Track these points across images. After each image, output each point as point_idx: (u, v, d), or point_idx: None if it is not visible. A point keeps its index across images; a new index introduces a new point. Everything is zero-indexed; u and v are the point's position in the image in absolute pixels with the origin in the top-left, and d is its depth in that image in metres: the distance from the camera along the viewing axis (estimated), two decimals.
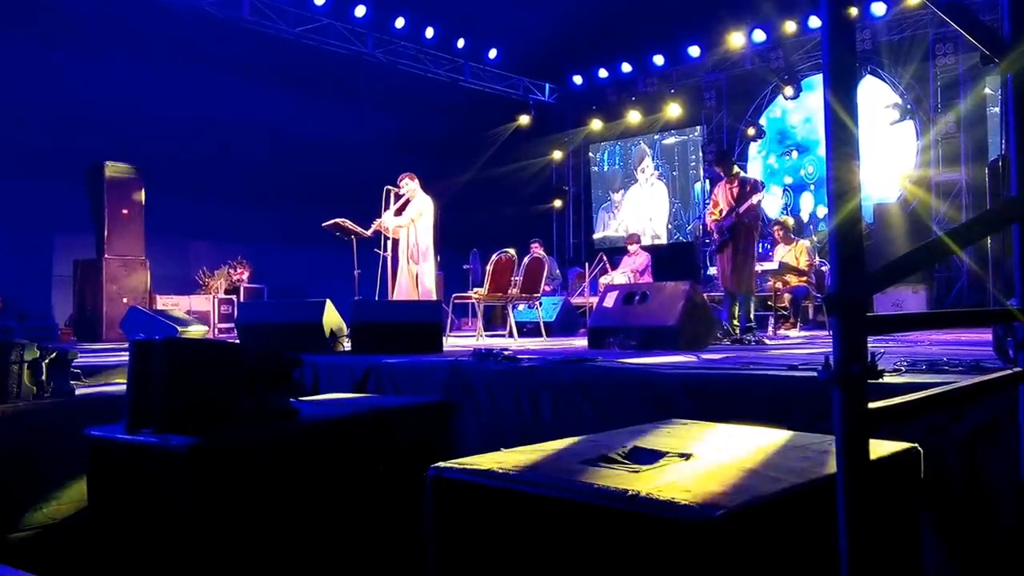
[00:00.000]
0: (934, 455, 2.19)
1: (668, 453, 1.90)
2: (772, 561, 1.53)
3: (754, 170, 13.58)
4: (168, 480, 2.30)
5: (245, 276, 11.54)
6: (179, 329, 6.30)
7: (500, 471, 1.76)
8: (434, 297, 7.65)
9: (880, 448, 1.87)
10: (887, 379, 2.63)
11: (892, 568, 1.76)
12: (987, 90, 11.04)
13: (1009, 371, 1.59)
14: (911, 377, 2.72)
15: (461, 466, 1.85)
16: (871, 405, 1.18)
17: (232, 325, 10.29)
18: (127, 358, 2.53)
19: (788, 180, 13.39)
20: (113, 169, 9.09)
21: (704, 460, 1.84)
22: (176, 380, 2.33)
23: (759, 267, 8.36)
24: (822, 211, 12.80)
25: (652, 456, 1.88)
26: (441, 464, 1.88)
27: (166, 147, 10.09)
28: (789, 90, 12.77)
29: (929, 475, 1.96)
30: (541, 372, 3.91)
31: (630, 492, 1.55)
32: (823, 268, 9.11)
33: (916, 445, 1.89)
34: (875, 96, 12.03)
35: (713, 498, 1.48)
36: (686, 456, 1.86)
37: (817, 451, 1.92)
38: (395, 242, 7.68)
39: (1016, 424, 1.84)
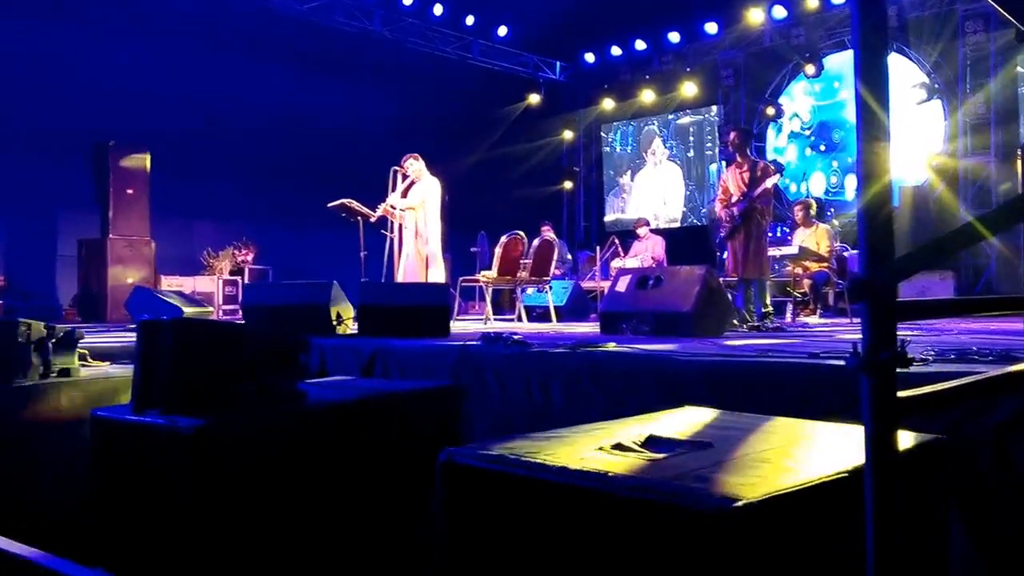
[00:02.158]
0: (962, 447, 2.17)
1: (685, 442, 1.89)
2: (792, 555, 1.52)
3: (789, 156, 13.45)
4: (174, 462, 2.31)
5: (250, 257, 11.57)
6: (185, 310, 6.33)
7: (512, 457, 1.76)
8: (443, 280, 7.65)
9: (907, 439, 1.85)
10: (914, 368, 2.61)
11: (919, 563, 1.75)
12: (1019, 69, 10.88)
13: None
14: (939, 367, 2.69)
15: (472, 451, 1.85)
16: (900, 394, 1.17)
17: (236, 307, 10.34)
18: (134, 339, 2.54)
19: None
20: (118, 148, 9.14)
21: (723, 450, 1.83)
22: (184, 361, 2.34)
23: (777, 252, 8.31)
24: None
25: (669, 445, 1.87)
26: (451, 449, 1.88)
27: (171, 126, 10.12)
28: (811, 68, 12.63)
29: (957, 467, 1.95)
30: (552, 357, 3.90)
31: (645, 480, 1.55)
32: (844, 253, 9.04)
33: (943, 436, 1.87)
34: (901, 75, 11.90)
35: (733, 489, 1.47)
36: (704, 445, 1.85)
37: (841, 442, 1.91)
38: (402, 224, 7.67)
39: None
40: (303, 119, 11.59)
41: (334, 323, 5.54)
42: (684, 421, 2.24)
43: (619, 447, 1.84)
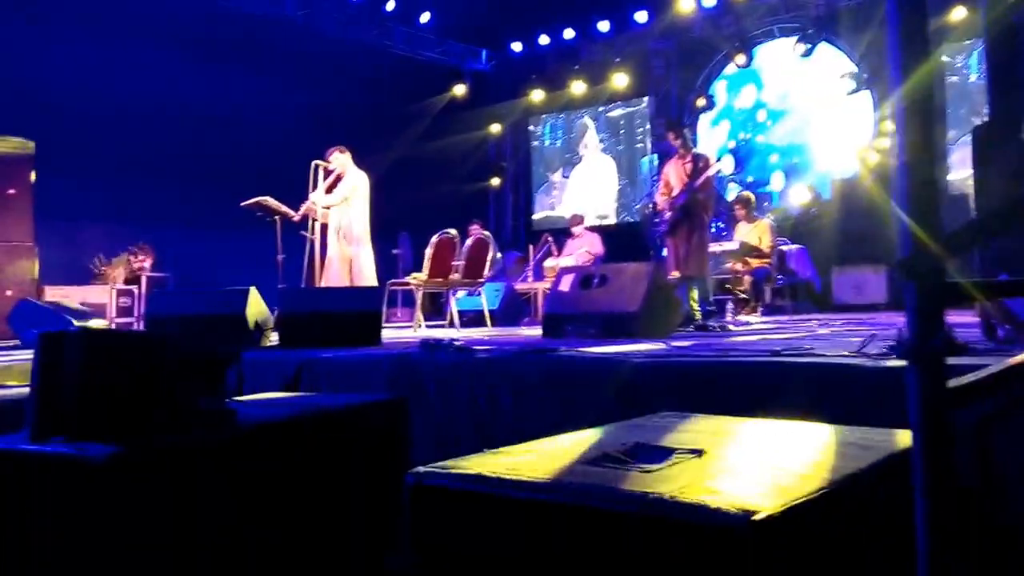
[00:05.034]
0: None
1: (677, 450, 1.81)
2: (812, 565, 1.46)
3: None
4: (84, 495, 2.11)
5: (147, 264, 11.06)
6: (76, 323, 5.95)
7: (493, 476, 1.65)
8: (372, 284, 7.44)
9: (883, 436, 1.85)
10: (890, 363, 2.61)
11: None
12: (944, 58, 11.37)
13: None
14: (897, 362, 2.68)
15: (444, 470, 1.72)
16: (950, 383, 1.11)
17: (132, 319, 9.89)
18: (19, 357, 2.31)
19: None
20: None
21: (719, 457, 1.76)
22: (95, 379, 2.13)
23: (718, 247, 8.42)
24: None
25: (660, 454, 1.79)
26: (419, 470, 1.75)
27: (57, 119, 9.56)
28: (741, 58, 12.91)
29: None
30: (499, 364, 3.80)
31: (651, 495, 1.46)
32: (783, 247, 9.24)
33: None
34: (830, 66, 12.28)
35: (747, 499, 1.40)
36: (698, 453, 1.78)
37: (842, 443, 1.87)
38: (324, 224, 7.42)
39: None
40: (209, 112, 11.12)
41: (253, 335, 5.29)
42: (666, 427, 2.17)
43: (607, 458, 1.75)
